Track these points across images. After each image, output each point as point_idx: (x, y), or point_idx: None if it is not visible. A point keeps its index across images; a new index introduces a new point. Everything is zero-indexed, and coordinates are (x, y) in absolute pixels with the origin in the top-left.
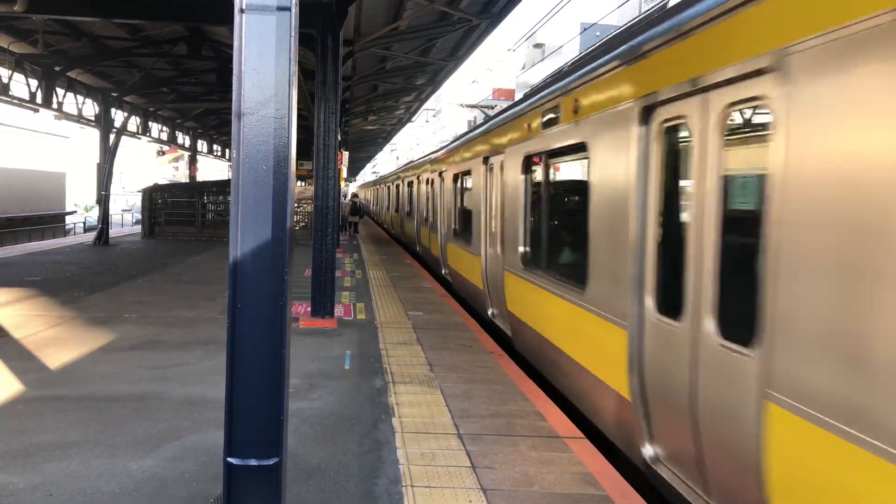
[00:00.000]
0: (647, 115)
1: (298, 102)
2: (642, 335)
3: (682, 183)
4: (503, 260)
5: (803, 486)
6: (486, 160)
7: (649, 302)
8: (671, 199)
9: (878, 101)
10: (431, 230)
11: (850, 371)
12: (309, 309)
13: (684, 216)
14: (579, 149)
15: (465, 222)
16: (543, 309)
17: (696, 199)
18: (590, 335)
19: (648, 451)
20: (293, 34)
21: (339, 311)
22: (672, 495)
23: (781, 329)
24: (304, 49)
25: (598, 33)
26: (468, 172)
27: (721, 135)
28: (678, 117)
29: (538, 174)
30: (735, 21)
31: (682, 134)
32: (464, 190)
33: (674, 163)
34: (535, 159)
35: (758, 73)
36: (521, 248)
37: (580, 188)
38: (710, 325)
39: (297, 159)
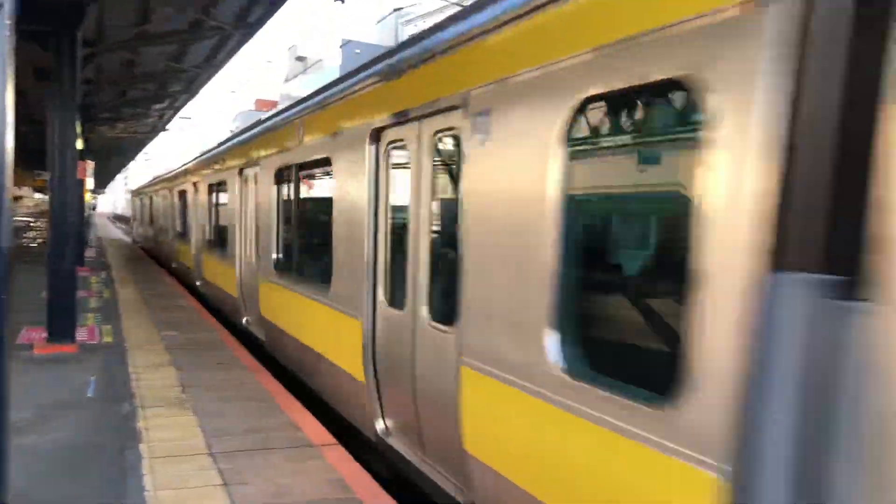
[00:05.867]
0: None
1: (30, 107)
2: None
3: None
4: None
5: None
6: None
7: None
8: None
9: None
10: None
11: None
12: (45, 335)
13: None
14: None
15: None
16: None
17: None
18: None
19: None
20: (8, 32)
21: (82, 334)
22: None
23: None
24: (36, 47)
25: (357, 50)
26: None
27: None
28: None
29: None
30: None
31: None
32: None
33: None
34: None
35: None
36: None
37: None
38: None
39: (34, 169)
